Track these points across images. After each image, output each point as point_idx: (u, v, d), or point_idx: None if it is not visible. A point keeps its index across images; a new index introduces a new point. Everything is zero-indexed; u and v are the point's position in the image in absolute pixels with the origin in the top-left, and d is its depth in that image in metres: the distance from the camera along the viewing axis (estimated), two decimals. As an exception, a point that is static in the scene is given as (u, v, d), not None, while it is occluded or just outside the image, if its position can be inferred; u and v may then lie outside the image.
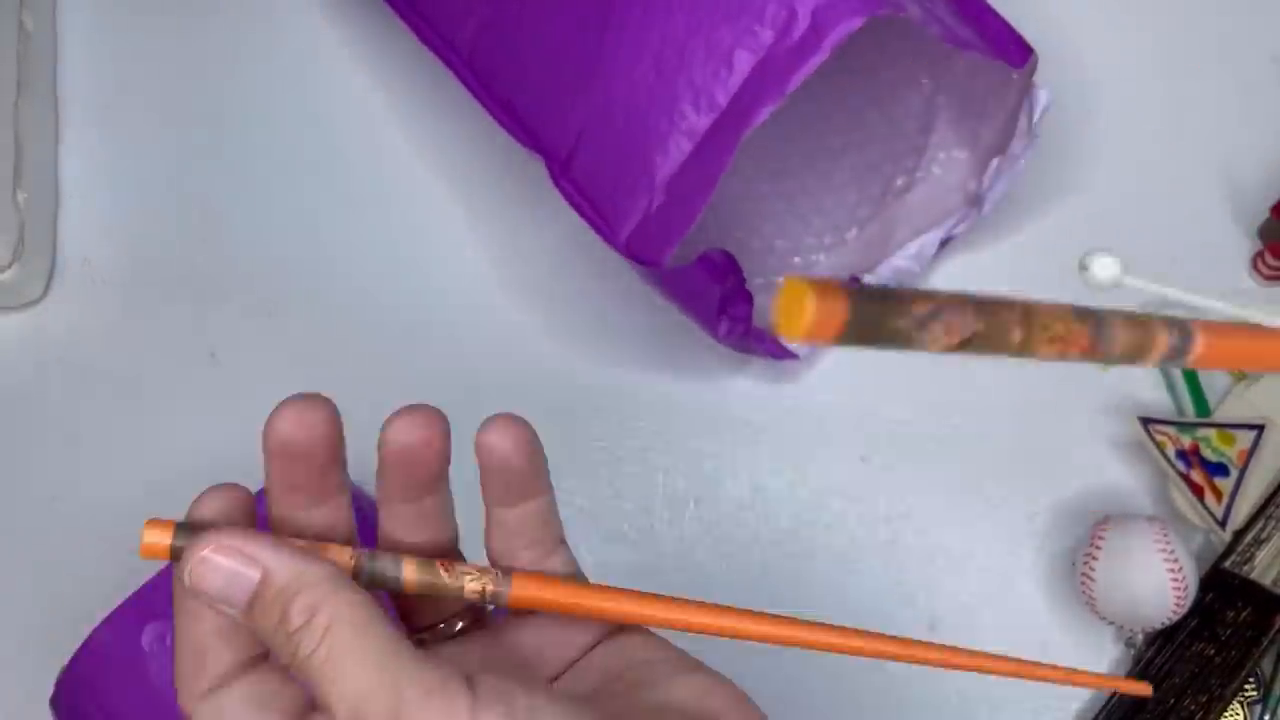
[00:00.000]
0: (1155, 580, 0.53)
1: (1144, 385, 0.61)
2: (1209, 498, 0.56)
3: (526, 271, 0.64)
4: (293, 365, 0.63)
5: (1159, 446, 0.57)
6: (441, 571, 0.32)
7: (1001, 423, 0.61)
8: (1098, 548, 0.54)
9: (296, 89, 0.67)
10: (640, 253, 0.52)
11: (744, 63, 0.49)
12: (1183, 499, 0.57)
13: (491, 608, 0.34)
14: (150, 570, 0.50)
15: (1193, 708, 0.54)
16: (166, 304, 0.64)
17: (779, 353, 0.59)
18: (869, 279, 0.61)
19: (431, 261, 0.64)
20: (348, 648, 0.28)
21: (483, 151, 0.65)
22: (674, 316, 0.61)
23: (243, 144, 0.66)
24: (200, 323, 0.63)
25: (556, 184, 0.55)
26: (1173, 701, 0.54)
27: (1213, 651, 0.55)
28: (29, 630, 0.58)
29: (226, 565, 0.29)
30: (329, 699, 0.28)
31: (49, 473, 0.61)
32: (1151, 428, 0.57)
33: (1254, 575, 0.56)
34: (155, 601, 0.49)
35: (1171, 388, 0.60)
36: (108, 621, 0.49)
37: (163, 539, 0.30)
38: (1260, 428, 0.56)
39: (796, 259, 0.62)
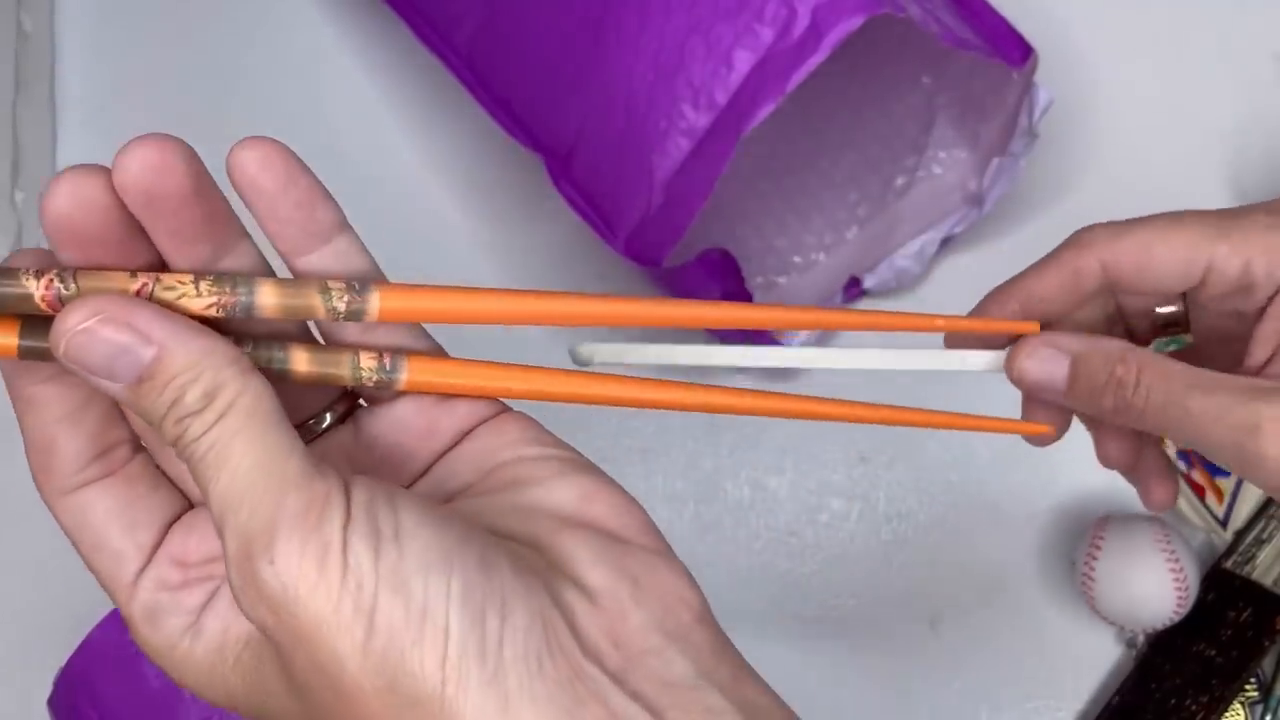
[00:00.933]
0: (1156, 580, 0.53)
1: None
2: (1210, 497, 0.56)
3: (526, 271, 0.64)
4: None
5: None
6: (340, 358, 0.30)
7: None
8: (1098, 548, 0.54)
9: (295, 88, 0.67)
10: (639, 253, 0.52)
11: (743, 62, 0.49)
12: (1184, 499, 0.57)
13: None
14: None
15: (1194, 708, 0.54)
16: (165, 304, 0.64)
17: None
18: (870, 278, 0.61)
19: (431, 261, 0.64)
20: (238, 441, 0.26)
21: (483, 151, 0.65)
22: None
23: (241, 144, 0.66)
24: (199, 323, 0.63)
25: (555, 184, 0.54)
26: (1173, 702, 0.54)
27: (1213, 652, 0.55)
28: (28, 630, 0.58)
29: (114, 339, 0.26)
30: (207, 491, 0.26)
31: (47, 473, 0.61)
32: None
33: (1255, 575, 0.55)
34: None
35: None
36: (105, 622, 0.48)
37: None
38: (1262, 427, 0.56)
39: (796, 258, 0.62)
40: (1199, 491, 0.56)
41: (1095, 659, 0.58)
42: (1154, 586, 0.53)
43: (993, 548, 0.60)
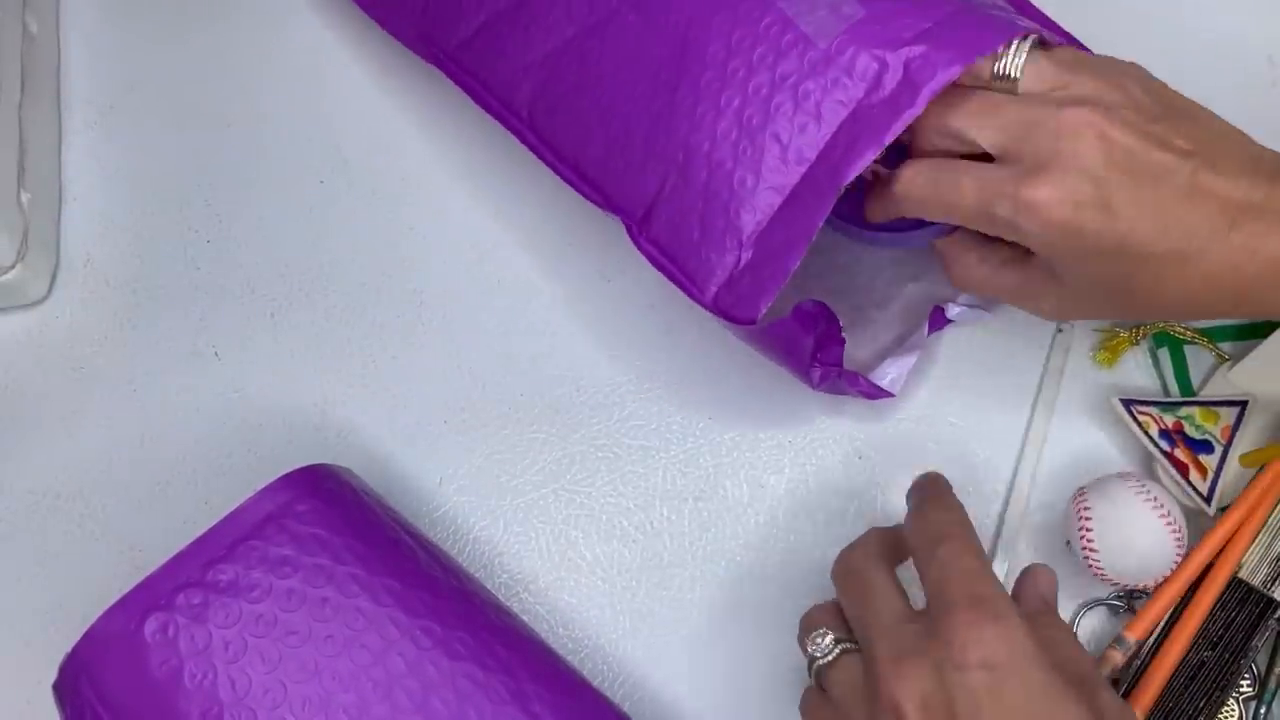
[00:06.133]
0: (1151, 529, 0.54)
1: (1134, 373, 0.61)
2: (1194, 474, 0.56)
3: (526, 270, 0.64)
4: (294, 365, 0.63)
5: (1142, 427, 0.57)
6: None
7: (999, 418, 0.61)
8: (1088, 520, 0.54)
9: (297, 89, 0.68)
10: (730, 309, 0.51)
11: (834, 115, 0.49)
12: (1168, 478, 0.57)
13: None
14: (152, 566, 0.50)
15: (1190, 707, 0.54)
16: (169, 303, 0.64)
17: (873, 392, 0.57)
18: (952, 309, 0.60)
19: (431, 260, 0.65)
20: None
21: (480, 147, 0.65)
22: (674, 314, 0.61)
23: (244, 144, 0.67)
24: (202, 322, 0.64)
25: (636, 243, 0.53)
26: (1172, 703, 0.54)
27: (1208, 652, 0.55)
28: (28, 630, 0.59)
29: None
30: None
31: (52, 470, 0.62)
32: (1134, 409, 0.58)
33: (1243, 575, 0.56)
34: (158, 593, 0.49)
35: (1161, 377, 0.60)
36: (110, 611, 0.48)
37: None
38: (1243, 404, 0.57)
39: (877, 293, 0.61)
40: (1183, 469, 0.56)
41: (1092, 650, 0.58)
42: (1151, 536, 0.54)
43: (987, 540, 0.60)
